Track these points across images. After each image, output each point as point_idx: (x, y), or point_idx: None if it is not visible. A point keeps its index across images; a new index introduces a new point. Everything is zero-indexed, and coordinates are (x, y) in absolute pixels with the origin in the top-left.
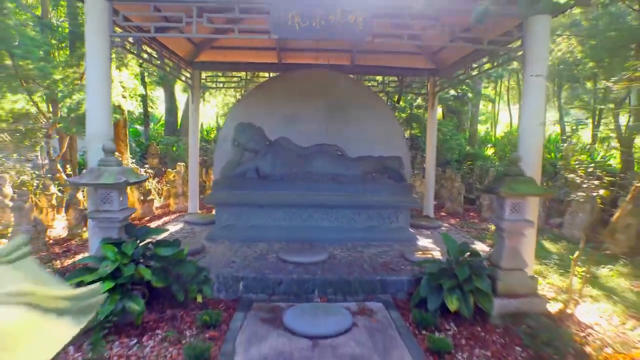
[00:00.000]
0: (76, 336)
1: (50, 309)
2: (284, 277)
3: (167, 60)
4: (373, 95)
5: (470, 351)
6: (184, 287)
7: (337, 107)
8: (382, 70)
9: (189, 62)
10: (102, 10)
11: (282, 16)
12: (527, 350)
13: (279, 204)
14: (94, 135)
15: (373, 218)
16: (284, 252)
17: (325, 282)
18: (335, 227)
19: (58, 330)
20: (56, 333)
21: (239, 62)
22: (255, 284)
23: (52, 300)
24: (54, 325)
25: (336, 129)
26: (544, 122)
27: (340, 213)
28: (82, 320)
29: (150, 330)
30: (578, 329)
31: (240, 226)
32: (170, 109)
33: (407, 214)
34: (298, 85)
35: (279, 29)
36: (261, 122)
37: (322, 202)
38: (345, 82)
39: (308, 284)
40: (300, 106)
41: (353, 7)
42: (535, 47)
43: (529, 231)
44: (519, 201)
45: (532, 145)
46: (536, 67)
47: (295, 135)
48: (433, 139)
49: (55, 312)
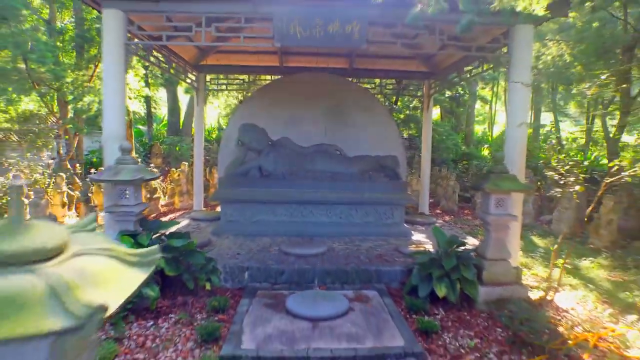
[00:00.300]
0: (142, 283)
1: (126, 260)
2: (286, 267)
3: (175, 64)
4: (370, 97)
5: (456, 332)
6: (194, 276)
7: (336, 109)
8: (380, 73)
9: (194, 65)
10: (119, 21)
11: (284, 26)
12: (506, 330)
13: (281, 201)
14: (109, 135)
15: (370, 214)
16: (285, 245)
17: (324, 272)
18: (334, 223)
19: (131, 276)
20: (130, 277)
21: (242, 66)
22: (259, 273)
23: (126, 255)
24: (128, 272)
25: (335, 129)
26: (526, 123)
27: (339, 209)
28: (146, 271)
29: (164, 314)
30: (555, 313)
31: (244, 221)
32: (172, 110)
33: (402, 210)
34: (299, 88)
35: (282, 37)
36: (264, 123)
37: (321, 198)
38: (344, 84)
39: (308, 274)
40: (301, 108)
41: (350, 17)
42: (520, 54)
43: (513, 224)
44: (503, 197)
45: (516, 145)
46: (520, 72)
47: (296, 135)
48: (428, 140)
49: (128, 263)
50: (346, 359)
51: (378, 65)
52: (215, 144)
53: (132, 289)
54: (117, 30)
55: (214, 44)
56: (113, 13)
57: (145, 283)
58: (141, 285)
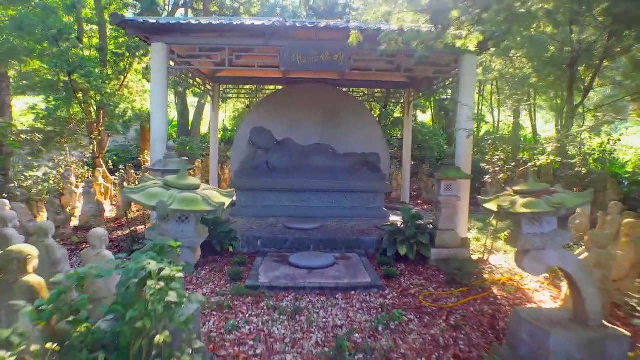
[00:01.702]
0: (230, 203)
1: (222, 192)
2: (288, 237)
3: (197, 78)
4: (359, 104)
5: (410, 277)
6: (220, 241)
7: (330, 114)
8: (368, 83)
9: (211, 77)
10: (163, 51)
11: (287, 56)
12: (446, 276)
13: (285, 189)
14: (156, 137)
15: (356, 200)
16: (288, 222)
17: (318, 241)
18: (327, 207)
19: (225, 198)
20: (225, 198)
21: (250, 77)
22: (268, 241)
23: (221, 190)
24: (224, 196)
25: (329, 131)
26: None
27: (331, 196)
28: (229, 199)
29: (200, 266)
30: (485, 267)
31: (255, 205)
32: (182, 112)
33: (381, 197)
34: (299, 97)
35: (286, 64)
36: (270, 126)
37: (317, 187)
38: (337, 93)
39: (306, 242)
40: (301, 113)
41: (336, 49)
42: (465, 76)
43: (460, 204)
44: (450, 182)
45: (464, 145)
46: (466, 90)
47: (296, 136)
48: (409, 140)
49: (222, 194)
50: (330, 288)
51: (367, 77)
52: (222, 143)
53: (227, 202)
54: (162, 57)
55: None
56: (160, 45)
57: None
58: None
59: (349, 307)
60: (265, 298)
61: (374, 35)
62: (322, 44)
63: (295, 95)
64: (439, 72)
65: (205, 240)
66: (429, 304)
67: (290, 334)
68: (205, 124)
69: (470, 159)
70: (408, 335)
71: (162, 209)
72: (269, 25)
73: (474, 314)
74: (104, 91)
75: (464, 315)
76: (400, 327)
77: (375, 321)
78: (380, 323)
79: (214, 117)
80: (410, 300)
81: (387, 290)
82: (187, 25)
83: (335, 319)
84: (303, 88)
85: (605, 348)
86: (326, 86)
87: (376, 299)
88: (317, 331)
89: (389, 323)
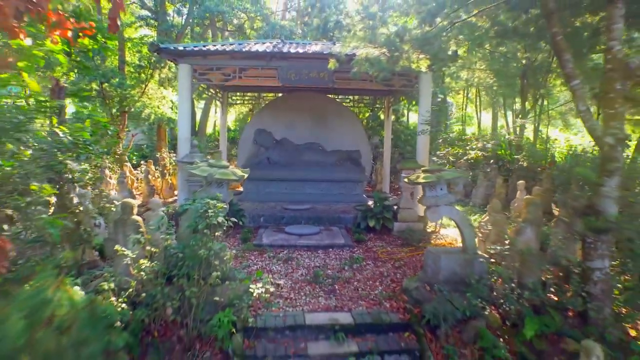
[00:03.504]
0: (243, 180)
1: (236, 172)
2: (285, 215)
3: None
4: (344, 109)
5: (375, 241)
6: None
7: (320, 117)
8: (354, 91)
9: (220, 86)
10: (188, 70)
11: (284, 73)
12: (402, 241)
13: (283, 179)
14: (182, 137)
15: (341, 188)
16: (285, 205)
17: (308, 218)
18: (317, 193)
19: (241, 175)
20: (240, 175)
21: (253, 86)
22: (269, 218)
23: (237, 169)
24: (238, 174)
25: (319, 131)
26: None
27: (321, 185)
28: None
29: None
30: (436, 235)
31: (258, 192)
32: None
33: (362, 186)
34: (294, 103)
35: (283, 79)
36: (270, 128)
37: (309, 178)
38: (326, 100)
39: (298, 218)
40: (296, 117)
41: (322, 69)
42: (423, 90)
43: (418, 188)
44: (409, 172)
45: (422, 143)
46: (424, 101)
47: (292, 136)
48: (389, 139)
49: (237, 174)
50: (314, 246)
51: (352, 85)
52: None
53: (245, 176)
54: (187, 75)
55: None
56: (185, 65)
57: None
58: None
59: (326, 257)
60: (267, 252)
61: (349, 59)
62: (311, 64)
63: (291, 101)
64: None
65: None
66: (383, 256)
67: (284, 270)
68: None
69: (428, 153)
70: (364, 271)
71: (210, 178)
72: (269, 52)
73: (412, 261)
74: (131, 99)
75: (405, 262)
76: (360, 267)
77: (343, 264)
78: (346, 265)
79: (223, 120)
80: (371, 254)
81: (356, 249)
82: (206, 50)
83: (315, 262)
84: (298, 95)
85: (474, 265)
86: (317, 94)
87: (346, 253)
88: (302, 269)
89: (352, 265)
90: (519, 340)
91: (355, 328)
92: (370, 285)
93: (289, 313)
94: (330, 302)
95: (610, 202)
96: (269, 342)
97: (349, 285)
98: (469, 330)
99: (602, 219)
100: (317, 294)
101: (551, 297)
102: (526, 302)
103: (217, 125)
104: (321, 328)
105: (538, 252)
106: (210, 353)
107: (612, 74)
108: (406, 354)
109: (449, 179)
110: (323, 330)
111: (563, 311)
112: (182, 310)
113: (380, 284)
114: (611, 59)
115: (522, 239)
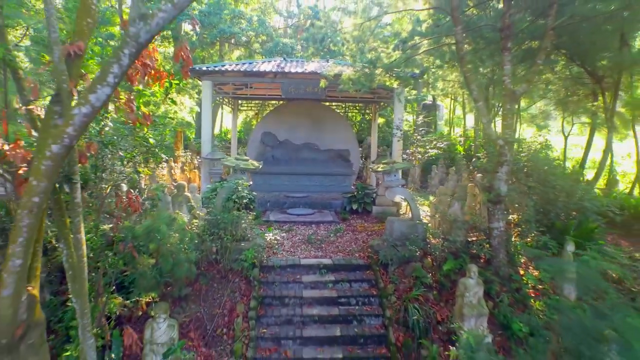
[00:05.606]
0: (255, 169)
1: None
2: (287, 201)
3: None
4: (337, 115)
5: (356, 220)
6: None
7: (316, 122)
8: (346, 99)
9: (231, 95)
10: (210, 86)
11: (286, 88)
12: (378, 220)
13: (285, 174)
14: (205, 140)
15: (333, 181)
16: (287, 193)
17: (305, 203)
18: (314, 185)
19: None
20: (255, 165)
21: (259, 95)
22: (274, 203)
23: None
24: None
25: (315, 134)
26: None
27: (316, 178)
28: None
29: None
30: (403, 216)
31: (265, 184)
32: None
33: (350, 179)
34: (295, 109)
35: (285, 93)
36: (274, 130)
37: (306, 172)
38: (321, 107)
39: (297, 204)
40: (296, 121)
41: (317, 85)
42: (396, 101)
43: None
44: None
45: (396, 143)
46: (398, 109)
47: (292, 137)
48: (375, 140)
49: (253, 165)
50: (309, 222)
51: (344, 94)
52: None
53: (260, 167)
54: (209, 89)
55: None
56: (208, 82)
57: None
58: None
59: (317, 229)
60: (273, 225)
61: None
62: (307, 81)
63: (292, 108)
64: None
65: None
66: (361, 228)
67: (286, 236)
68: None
69: (401, 152)
70: (344, 237)
71: (237, 167)
72: (274, 71)
73: (381, 231)
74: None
75: (376, 232)
76: (342, 235)
77: (329, 233)
78: (332, 233)
79: (234, 123)
80: (352, 227)
81: (341, 224)
82: (224, 70)
83: (309, 232)
84: (298, 103)
85: (417, 228)
86: (314, 102)
87: (333, 227)
88: (300, 235)
89: (336, 233)
90: (440, 274)
91: (333, 267)
92: (348, 245)
93: (289, 258)
94: (318, 253)
95: (502, 183)
96: (277, 275)
97: (332, 245)
98: (409, 268)
99: (496, 194)
100: (309, 250)
101: (473, 251)
102: (447, 250)
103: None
104: (311, 267)
105: (462, 219)
106: (239, 279)
107: (505, 98)
108: (366, 282)
109: (400, 168)
110: (312, 268)
111: (477, 258)
112: (220, 253)
113: (355, 244)
114: (504, 88)
115: (451, 210)
